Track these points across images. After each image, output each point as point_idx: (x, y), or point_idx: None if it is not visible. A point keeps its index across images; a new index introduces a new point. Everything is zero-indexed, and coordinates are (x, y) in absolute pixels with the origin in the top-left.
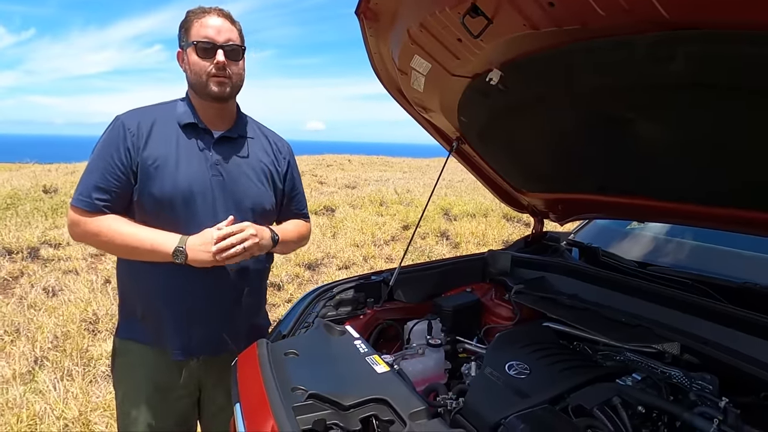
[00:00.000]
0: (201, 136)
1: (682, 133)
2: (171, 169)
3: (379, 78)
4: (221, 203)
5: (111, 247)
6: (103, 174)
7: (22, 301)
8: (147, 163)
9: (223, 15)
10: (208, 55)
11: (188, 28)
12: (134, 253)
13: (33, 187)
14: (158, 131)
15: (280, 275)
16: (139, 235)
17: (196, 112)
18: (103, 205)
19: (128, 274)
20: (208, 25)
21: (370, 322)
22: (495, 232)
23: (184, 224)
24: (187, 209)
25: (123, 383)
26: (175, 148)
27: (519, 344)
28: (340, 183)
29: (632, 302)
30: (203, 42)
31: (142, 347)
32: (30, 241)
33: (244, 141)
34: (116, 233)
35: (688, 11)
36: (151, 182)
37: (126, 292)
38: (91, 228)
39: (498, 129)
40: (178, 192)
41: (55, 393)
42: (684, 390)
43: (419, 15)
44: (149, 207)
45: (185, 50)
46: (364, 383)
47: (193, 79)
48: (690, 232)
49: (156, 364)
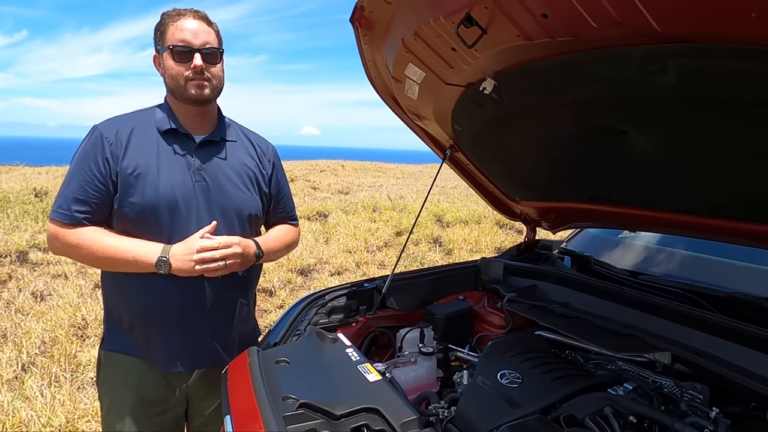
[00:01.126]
0: (182, 141)
1: (674, 144)
2: (152, 177)
3: (374, 85)
4: (206, 209)
5: (92, 260)
6: (81, 185)
7: (9, 306)
8: (127, 171)
9: (199, 17)
10: (185, 59)
11: (163, 32)
12: (116, 265)
13: (23, 189)
14: (137, 139)
15: (272, 281)
16: (121, 247)
17: (175, 117)
18: (83, 218)
19: (114, 285)
20: (183, 28)
21: (362, 329)
22: (488, 239)
23: (168, 232)
24: (171, 217)
25: (108, 395)
26: (156, 155)
27: (511, 353)
28: (333, 188)
29: (624, 311)
30: (179, 46)
31: (128, 359)
32: (19, 245)
33: (226, 145)
34: (96, 245)
35: (680, 25)
36: (132, 191)
37: (112, 303)
38: (70, 240)
39: (491, 138)
40: (161, 199)
41: (42, 399)
42: (675, 400)
43: (414, 24)
44: (131, 216)
45: (161, 54)
46: (356, 392)
47: (171, 84)
48: (681, 242)
49: (142, 376)
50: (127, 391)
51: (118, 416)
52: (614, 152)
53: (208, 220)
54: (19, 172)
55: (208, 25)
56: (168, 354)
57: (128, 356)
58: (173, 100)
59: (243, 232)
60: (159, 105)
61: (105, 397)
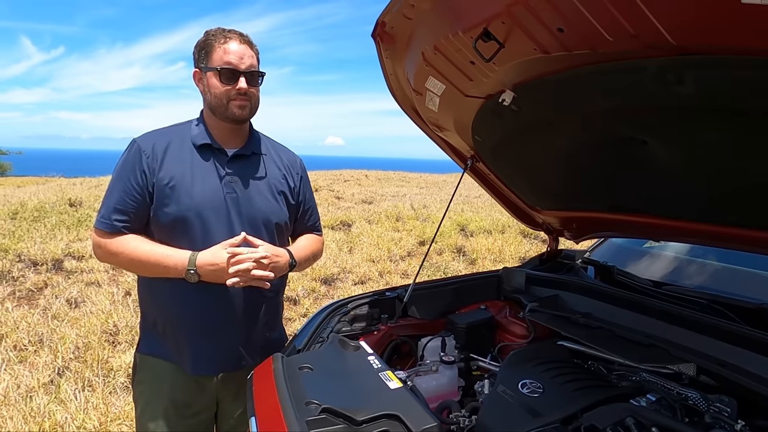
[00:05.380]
0: (215, 155)
1: (694, 154)
2: (186, 188)
3: (395, 98)
4: (236, 220)
5: (131, 266)
6: (121, 196)
7: (46, 312)
8: (162, 183)
9: (244, 41)
10: (231, 81)
11: (209, 52)
12: (153, 271)
13: (59, 200)
14: (173, 152)
15: (296, 290)
16: (155, 254)
17: (210, 132)
18: (122, 226)
19: (148, 290)
20: (231, 52)
21: (384, 338)
22: (512, 249)
23: (201, 241)
24: (202, 226)
25: (142, 397)
26: (189, 167)
27: (532, 362)
28: (357, 198)
29: (647, 322)
30: (226, 68)
31: (161, 363)
32: (54, 253)
33: (257, 158)
34: (134, 252)
35: (693, 37)
36: (166, 201)
37: (146, 308)
38: (111, 249)
39: (511, 148)
40: (193, 209)
41: (76, 403)
42: (700, 412)
43: (433, 38)
44: (165, 224)
45: (205, 73)
46: (377, 399)
47: (214, 102)
48: (707, 252)
49: (174, 379)
50: (160, 394)
51: (152, 418)
52: (634, 162)
53: (238, 230)
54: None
55: (251, 49)
56: (194, 357)
57: (161, 360)
58: (210, 115)
59: (271, 242)
60: (195, 119)
61: (139, 399)
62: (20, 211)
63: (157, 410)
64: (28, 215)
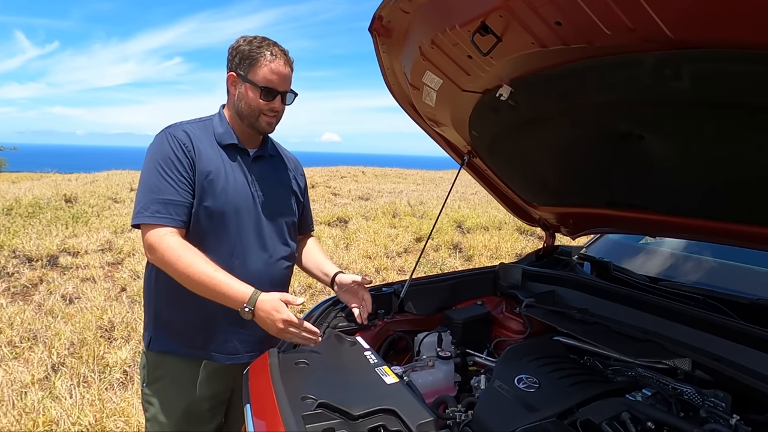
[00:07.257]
0: (240, 155)
1: (691, 149)
2: (223, 183)
3: (392, 93)
4: (263, 218)
5: (182, 279)
6: (172, 187)
7: (40, 308)
8: (202, 176)
9: (289, 64)
10: (269, 99)
11: (253, 64)
12: (207, 293)
13: (54, 196)
14: (205, 148)
15: (293, 285)
16: (217, 279)
17: (235, 133)
18: (181, 220)
19: (172, 290)
20: (277, 72)
21: (380, 333)
22: (509, 245)
23: (235, 237)
24: (237, 223)
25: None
26: (222, 163)
27: (528, 358)
28: (354, 194)
29: (643, 317)
30: (269, 87)
31: (179, 359)
32: (50, 249)
33: (272, 159)
34: (194, 270)
35: (692, 30)
36: (205, 195)
37: (161, 306)
38: (168, 258)
39: (508, 143)
40: (230, 206)
41: (70, 399)
42: (695, 407)
43: (430, 32)
44: (203, 219)
45: (244, 82)
46: (374, 394)
47: (246, 112)
48: (702, 248)
49: (194, 372)
50: (180, 389)
51: (169, 412)
52: (632, 157)
53: (264, 228)
54: (50, 179)
55: (292, 71)
56: (230, 347)
57: (178, 356)
58: (235, 118)
59: (289, 238)
60: (215, 116)
61: (155, 396)
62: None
63: (174, 404)
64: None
